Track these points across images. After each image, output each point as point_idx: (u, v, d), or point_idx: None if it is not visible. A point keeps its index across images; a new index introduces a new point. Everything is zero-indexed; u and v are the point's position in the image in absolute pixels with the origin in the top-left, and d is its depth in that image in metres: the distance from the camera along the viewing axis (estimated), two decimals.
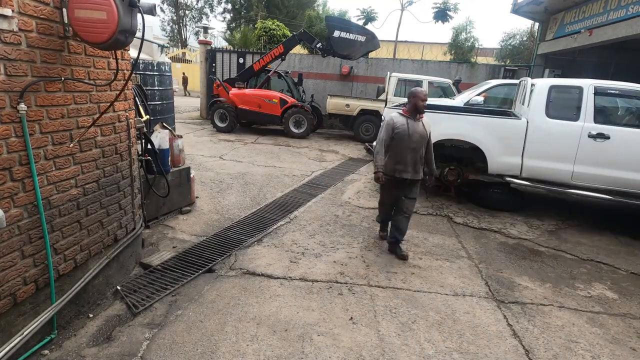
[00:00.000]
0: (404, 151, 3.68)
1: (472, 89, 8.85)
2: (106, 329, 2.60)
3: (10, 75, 1.96)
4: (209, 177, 6.33)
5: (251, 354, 2.44)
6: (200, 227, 4.36)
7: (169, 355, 2.38)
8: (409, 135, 3.64)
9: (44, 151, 2.24)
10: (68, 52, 2.32)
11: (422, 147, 3.74)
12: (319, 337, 2.64)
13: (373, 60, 13.42)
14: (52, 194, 2.33)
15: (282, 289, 3.20)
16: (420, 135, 3.68)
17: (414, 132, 3.66)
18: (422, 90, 3.71)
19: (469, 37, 14.42)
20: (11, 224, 2.06)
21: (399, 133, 3.69)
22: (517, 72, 12.86)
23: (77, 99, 2.46)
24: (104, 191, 2.82)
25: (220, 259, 3.60)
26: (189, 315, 2.78)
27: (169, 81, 6.07)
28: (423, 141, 3.72)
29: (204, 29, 14.67)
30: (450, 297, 3.27)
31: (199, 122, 13.00)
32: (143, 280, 3.19)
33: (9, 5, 1.91)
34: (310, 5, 26.92)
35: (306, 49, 15.16)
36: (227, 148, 8.86)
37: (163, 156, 4.17)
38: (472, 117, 5.39)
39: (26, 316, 2.23)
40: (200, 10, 33.17)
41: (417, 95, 3.64)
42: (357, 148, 10.15)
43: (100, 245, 2.83)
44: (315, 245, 4.08)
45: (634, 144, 4.73)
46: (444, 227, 4.87)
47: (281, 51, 10.85)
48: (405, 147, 3.68)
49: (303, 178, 6.69)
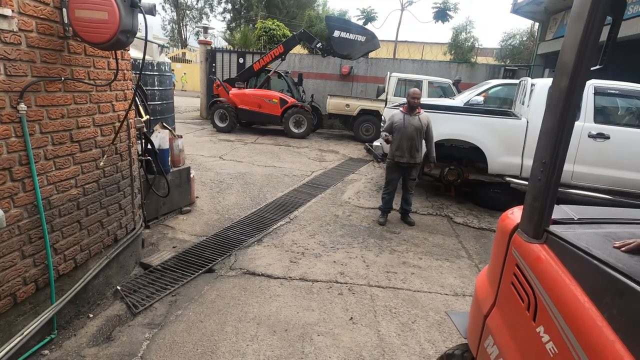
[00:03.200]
0: (402, 140, 4.53)
1: (472, 89, 8.85)
2: (106, 329, 2.60)
3: (10, 75, 1.96)
4: (209, 177, 6.33)
5: (251, 354, 2.44)
6: (200, 227, 4.36)
7: (169, 355, 2.38)
8: (405, 127, 4.51)
9: (44, 151, 2.24)
10: (68, 52, 2.32)
11: (417, 137, 4.53)
12: (319, 337, 2.64)
13: (373, 60, 13.41)
14: (52, 194, 2.33)
15: (282, 289, 3.20)
16: (415, 128, 4.50)
17: (409, 125, 4.51)
18: (413, 90, 4.58)
19: (469, 37, 14.42)
20: (11, 224, 2.06)
21: (397, 125, 4.59)
22: (517, 72, 12.85)
23: (77, 99, 2.46)
24: (104, 191, 2.82)
25: (220, 259, 3.60)
26: (189, 315, 2.78)
27: (169, 81, 6.07)
28: (418, 132, 4.52)
29: (204, 29, 14.64)
30: (450, 297, 3.27)
31: (199, 122, 12.99)
32: (143, 280, 3.19)
33: (9, 5, 1.91)
34: (310, 5, 26.91)
35: (306, 49, 15.17)
36: (227, 148, 8.86)
37: (163, 156, 4.17)
38: (472, 117, 5.39)
39: (26, 316, 2.23)
40: (201, 10, 33.16)
41: (409, 94, 4.58)
42: (357, 148, 10.15)
43: (100, 245, 2.83)
44: (315, 245, 4.08)
45: (634, 143, 4.73)
46: (444, 227, 4.87)
47: (281, 51, 10.84)
48: (402, 137, 4.52)
49: (303, 178, 6.69)
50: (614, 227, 1.27)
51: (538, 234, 1.24)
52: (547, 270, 1.15)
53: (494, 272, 1.51)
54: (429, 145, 4.70)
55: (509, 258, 1.36)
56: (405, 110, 4.58)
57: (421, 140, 4.60)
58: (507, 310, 1.36)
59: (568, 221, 1.31)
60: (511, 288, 1.32)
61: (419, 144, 4.57)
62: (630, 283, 0.90)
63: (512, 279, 1.32)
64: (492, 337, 1.40)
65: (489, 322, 1.44)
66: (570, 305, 1.02)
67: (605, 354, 0.87)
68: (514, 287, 1.30)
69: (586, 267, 1.03)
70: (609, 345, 0.87)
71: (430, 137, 4.66)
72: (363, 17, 17.36)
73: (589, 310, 0.97)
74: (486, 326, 1.45)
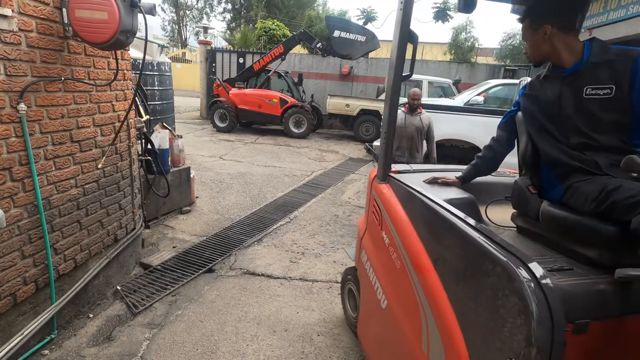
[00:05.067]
0: (402, 140, 4.54)
1: (472, 89, 8.85)
2: (106, 329, 2.60)
3: (10, 75, 1.96)
4: (209, 177, 6.33)
5: (251, 354, 2.44)
6: (200, 227, 4.36)
7: (169, 355, 2.38)
8: (405, 127, 4.54)
9: (44, 151, 2.24)
10: (68, 52, 2.32)
11: (418, 137, 4.55)
12: (319, 337, 2.64)
13: (373, 60, 13.41)
14: (52, 194, 2.33)
15: (282, 289, 3.20)
16: (415, 127, 4.52)
17: (410, 125, 4.52)
18: (413, 91, 4.63)
19: (468, 37, 14.41)
20: (11, 224, 2.06)
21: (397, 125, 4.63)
22: (517, 72, 12.84)
23: (77, 99, 2.46)
24: (104, 191, 2.82)
25: (220, 259, 3.60)
26: (189, 315, 2.78)
27: (168, 81, 6.07)
28: (419, 132, 4.54)
29: (204, 29, 14.64)
30: None
31: (199, 122, 12.99)
32: (143, 280, 3.19)
33: (9, 5, 1.91)
34: (310, 5, 26.90)
35: (306, 49, 15.15)
36: (227, 148, 8.86)
37: (163, 156, 4.17)
38: (472, 117, 5.39)
39: (26, 316, 2.23)
40: (201, 10, 33.15)
41: (409, 95, 4.61)
42: (357, 148, 10.15)
43: (100, 245, 2.83)
44: (315, 245, 4.07)
45: None
46: None
47: (281, 51, 10.83)
48: (402, 136, 4.53)
49: (303, 178, 6.69)
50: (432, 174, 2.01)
51: (384, 178, 2.02)
52: (386, 198, 1.92)
53: (366, 208, 2.29)
54: (430, 145, 4.71)
55: (371, 195, 2.14)
56: (406, 110, 4.62)
57: (422, 141, 4.60)
58: (371, 229, 2.15)
59: (406, 171, 2.16)
60: (372, 214, 2.10)
61: (419, 144, 4.58)
62: (416, 194, 1.66)
63: (372, 208, 2.10)
64: (364, 251, 2.22)
65: (363, 242, 2.26)
66: (395, 215, 1.78)
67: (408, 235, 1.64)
68: (374, 213, 2.08)
69: (404, 192, 1.79)
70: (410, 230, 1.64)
71: (431, 137, 4.66)
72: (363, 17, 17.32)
73: (402, 215, 1.74)
74: (362, 245, 2.27)
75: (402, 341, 1.67)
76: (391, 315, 1.78)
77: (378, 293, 1.94)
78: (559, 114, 1.44)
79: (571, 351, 0.99)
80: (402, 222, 1.70)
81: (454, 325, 1.26)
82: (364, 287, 2.25)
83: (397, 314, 1.72)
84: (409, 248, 1.60)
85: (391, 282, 1.82)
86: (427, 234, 1.53)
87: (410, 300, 1.55)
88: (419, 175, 2.03)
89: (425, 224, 1.56)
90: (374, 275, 2.02)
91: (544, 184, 1.53)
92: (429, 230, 1.53)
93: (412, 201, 1.69)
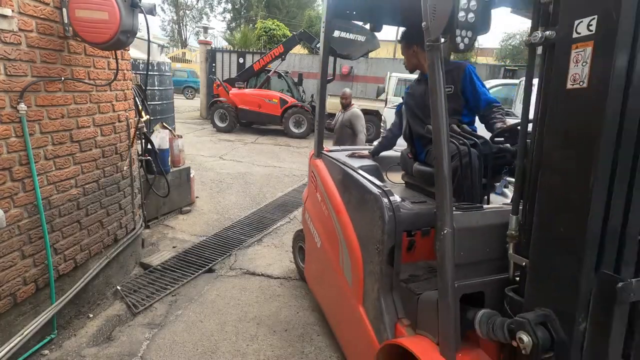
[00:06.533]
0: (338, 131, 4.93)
1: None
2: (106, 329, 2.60)
3: (10, 75, 1.96)
4: (209, 177, 6.33)
5: (251, 354, 2.44)
6: (200, 227, 4.36)
7: (169, 355, 2.38)
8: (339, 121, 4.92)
9: (44, 151, 2.24)
10: (68, 52, 2.32)
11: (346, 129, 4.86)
12: (319, 337, 2.64)
13: (373, 60, 13.41)
14: (52, 194, 2.33)
15: (282, 289, 3.20)
16: (342, 122, 4.87)
17: (340, 120, 4.89)
18: (342, 91, 5.12)
19: None
20: (11, 224, 2.06)
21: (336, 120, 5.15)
22: (517, 72, 12.85)
23: (77, 99, 2.46)
24: (104, 191, 2.82)
25: (220, 259, 3.60)
26: (189, 315, 2.78)
27: (168, 81, 6.07)
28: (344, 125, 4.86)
29: (204, 29, 14.67)
30: None
31: (199, 122, 12.99)
32: (143, 280, 3.19)
33: (9, 5, 1.91)
34: (310, 5, 26.94)
35: (306, 49, 15.17)
36: (227, 148, 8.86)
37: (163, 156, 4.17)
38: None
39: (26, 316, 2.23)
40: (201, 10, 33.17)
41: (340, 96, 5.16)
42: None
43: (100, 245, 2.83)
44: None
45: None
46: None
47: (281, 51, 10.84)
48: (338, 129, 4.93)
49: (303, 178, 6.69)
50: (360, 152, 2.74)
51: (318, 155, 2.71)
52: (319, 169, 2.60)
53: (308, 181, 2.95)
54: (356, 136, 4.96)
55: (310, 170, 2.83)
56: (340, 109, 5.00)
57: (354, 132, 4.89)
58: (310, 194, 2.86)
59: (334, 150, 2.87)
60: (310, 182, 2.82)
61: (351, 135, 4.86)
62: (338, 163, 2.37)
63: (311, 178, 2.81)
64: (307, 212, 2.91)
65: (306, 206, 2.96)
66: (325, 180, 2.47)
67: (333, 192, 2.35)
68: (311, 181, 2.79)
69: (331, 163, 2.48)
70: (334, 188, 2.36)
71: (356, 130, 4.91)
72: None
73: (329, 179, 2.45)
74: (305, 209, 2.97)
75: (329, 265, 2.40)
76: (323, 250, 2.52)
77: (315, 237, 2.68)
78: (423, 104, 2.09)
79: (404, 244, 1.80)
80: (329, 184, 2.43)
81: (354, 239, 2.04)
82: (307, 239, 2.95)
83: (326, 247, 2.46)
84: (332, 200, 2.33)
85: (322, 227, 2.54)
86: (343, 188, 2.27)
87: (333, 234, 2.31)
88: (343, 153, 2.73)
89: (342, 182, 2.30)
90: (312, 226, 2.74)
91: (417, 151, 2.30)
92: (344, 186, 2.26)
93: (336, 169, 2.41)
